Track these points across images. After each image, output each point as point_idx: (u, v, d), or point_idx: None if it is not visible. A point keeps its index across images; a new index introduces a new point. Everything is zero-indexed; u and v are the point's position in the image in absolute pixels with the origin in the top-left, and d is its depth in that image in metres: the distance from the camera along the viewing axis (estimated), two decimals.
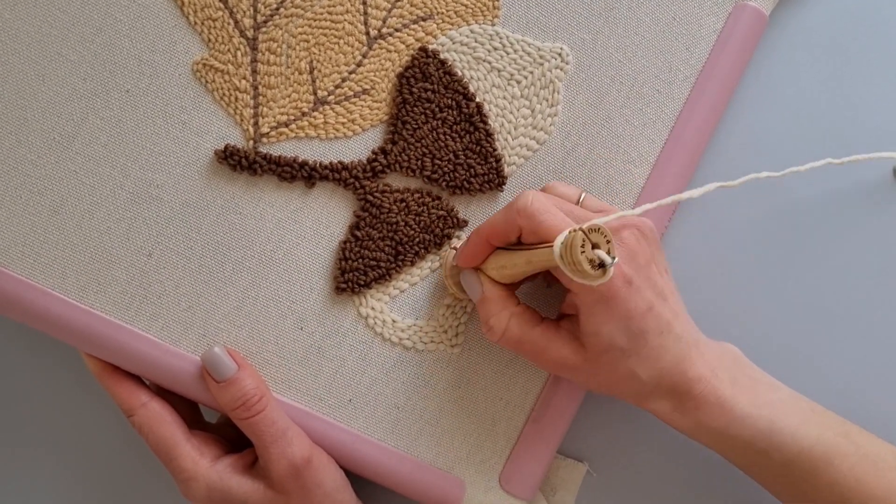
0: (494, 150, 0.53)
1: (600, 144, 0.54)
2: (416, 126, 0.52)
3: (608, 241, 0.41)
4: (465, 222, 0.53)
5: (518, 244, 0.48)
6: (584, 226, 0.41)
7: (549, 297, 0.55)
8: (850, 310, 0.57)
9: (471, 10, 0.53)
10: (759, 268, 0.57)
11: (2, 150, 0.50)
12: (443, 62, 0.52)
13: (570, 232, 0.41)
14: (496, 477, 0.55)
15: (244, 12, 0.51)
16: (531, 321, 0.48)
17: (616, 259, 0.41)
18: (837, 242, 0.57)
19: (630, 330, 0.46)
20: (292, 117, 0.52)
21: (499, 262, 0.48)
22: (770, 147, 0.57)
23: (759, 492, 0.56)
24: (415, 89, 0.52)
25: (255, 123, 0.52)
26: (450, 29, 0.53)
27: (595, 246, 0.41)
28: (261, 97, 0.52)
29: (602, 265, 0.41)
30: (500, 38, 0.53)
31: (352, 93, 0.52)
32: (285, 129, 0.52)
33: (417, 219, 0.53)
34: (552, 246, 0.42)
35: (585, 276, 0.41)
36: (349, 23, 0.52)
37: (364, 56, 0.52)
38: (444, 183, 0.53)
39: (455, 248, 0.52)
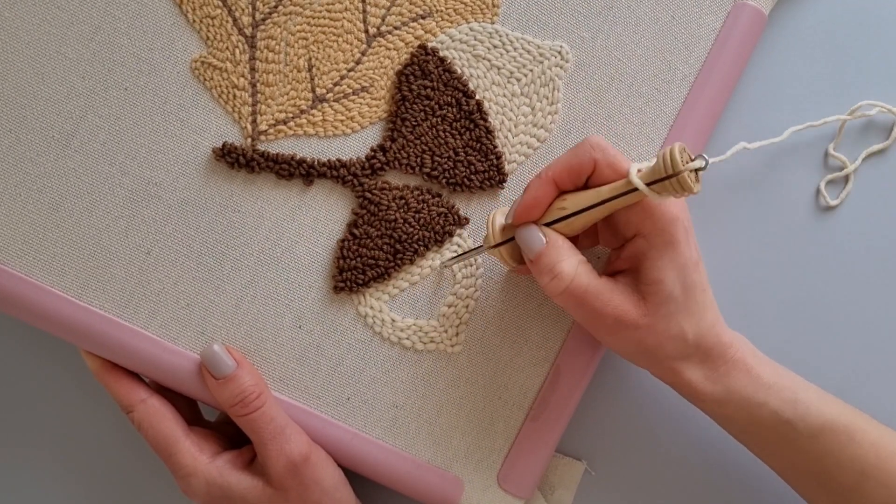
0: (495, 147, 0.53)
1: None
2: (415, 123, 0.52)
3: (692, 157, 0.43)
4: (467, 220, 0.53)
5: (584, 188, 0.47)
6: (676, 143, 0.43)
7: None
8: (847, 309, 0.57)
9: (470, 8, 0.53)
10: (754, 267, 0.57)
11: (1, 148, 0.50)
12: (442, 60, 0.52)
13: (665, 150, 0.43)
14: (494, 475, 0.55)
15: (243, 10, 0.51)
16: (594, 272, 0.47)
17: (708, 163, 0.43)
18: (832, 240, 0.57)
19: (685, 281, 0.46)
20: (291, 115, 0.52)
21: (560, 205, 0.47)
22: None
23: (759, 491, 0.56)
24: (414, 87, 0.52)
25: (254, 121, 0.52)
26: (449, 27, 0.53)
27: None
28: (259, 95, 0.52)
29: (696, 176, 0.43)
30: (500, 35, 0.53)
31: (350, 90, 0.52)
32: (283, 127, 0.52)
33: (417, 216, 0.53)
34: (623, 180, 0.44)
35: (685, 186, 0.42)
36: (348, 20, 0.52)
37: (363, 54, 0.52)
38: (444, 180, 0.53)
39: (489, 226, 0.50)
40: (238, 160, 0.51)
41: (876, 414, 0.50)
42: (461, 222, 0.53)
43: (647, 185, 0.43)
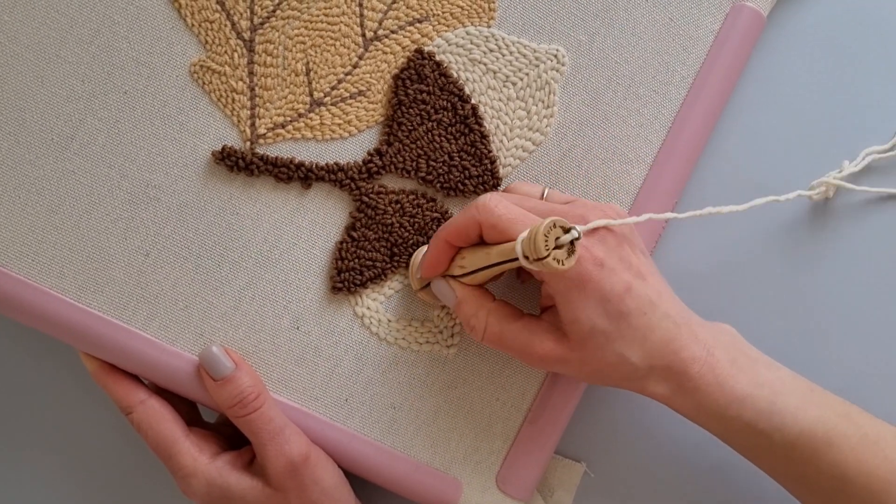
0: (489, 151, 0.53)
1: (597, 146, 0.54)
2: (411, 127, 0.52)
3: (569, 230, 0.42)
4: None
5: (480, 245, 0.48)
6: (547, 220, 0.42)
7: (527, 295, 0.55)
8: (848, 307, 0.57)
9: (466, 12, 0.53)
10: (753, 266, 0.57)
11: (0, 151, 0.51)
12: (438, 64, 0.53)
13: (531, 230, 0.42)
14: (493, 477, 0.55)
15: (241, 14, 0.51)
16: (510, 316, 0.48)
17: (580, 234, 0.42)
18: (831, 237, 0.57)
19: (609, 312, 0.46)
20: (289, 118, 0.52)
21: (460, 262, 0.49)
22: (768, 147, 0.57)
23: (758, 491, 0.56)
24: (410, 91, 0.52)
25: (252, 125, 0.52)
26: (445, 31, 0.53)
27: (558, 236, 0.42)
28: (258, 98, 0.52)
29: (572, 247, 0.42)
30: (496, 39, 0.53)
31: (348, 94, 0.53)
32: (282, 131, 0.52)
33: (412, 220, 0.53)
34: (514, 242, 0.44)
35: (548, 266, 0.42)
36: (345, 25, 0.52)
37: (360, 58, 0.53)
38: (438, 184, 0.53)
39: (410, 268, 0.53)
40: (237, 163, 0.52)
41: (874, 411, 0.50)
42: None
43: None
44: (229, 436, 0.54)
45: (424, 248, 0.52)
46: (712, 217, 0.57)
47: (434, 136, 0.53)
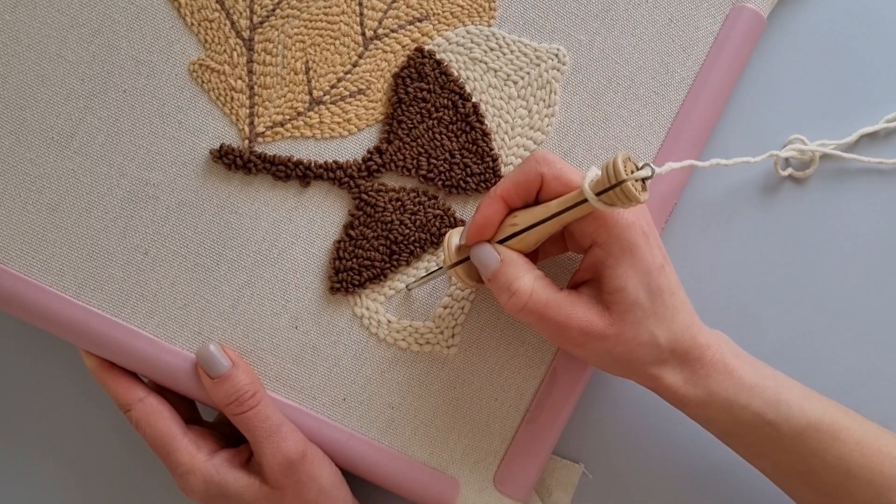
0: (491, 149, 0.53)
1: (597, 145, 0.54)
2: (411, 126, 0.53)
3: (638, 167, 0.43)
4: (462, 221, 0.53)
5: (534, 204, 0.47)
6: (621, 152, 0.42)
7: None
8: (846, 310, 0.57)
9: (467, 11, 0.53)
10: (752, 268, 0.57)
11: (1, 149, 0.51)
12: (439, 62, 0.53)
13: (609, 160, 0.42)
14: (490, 477, 0.55)
15: (240, 13, 0.52)
16: (554, 285, 0.47)
17: (654, 172, 0.42)
18: (831, 238, 0.57)
19: (650, 286, 0.46)
20: (288, 117, 0.52)
21: (512, 221, 0.47)
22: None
23: (756, 492, 0.56)
24: (410, 89, 0.52)
25: (251, 123, 0.52)
26: (446, 30, 0.53)
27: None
28: (256, 97, 0.52)
29: (643, 185, 0.43)
30: (497, 38, 0.53)
31: (347, 93, 0.53)
32: (281, 129, 0.52)
33: (413, 218, 0.53)
34: (575, 191, 0.44)
35: (629, 195, 0.42)
36: (345, 24, 0.52)
37: (360, 56, 0.53)
38: (439, 182, 0.53)
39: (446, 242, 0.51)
40: (235, 162, 0.52)
41: (871, 413, 0.50)
42: (456, 224, 0.53)
43: (596, 195, 0.43)
44: (228, 434, 0.54)
45: (458, 228, 0.50)
46: (710, 219, 0.57)
47: (435, 134, 0.53)
